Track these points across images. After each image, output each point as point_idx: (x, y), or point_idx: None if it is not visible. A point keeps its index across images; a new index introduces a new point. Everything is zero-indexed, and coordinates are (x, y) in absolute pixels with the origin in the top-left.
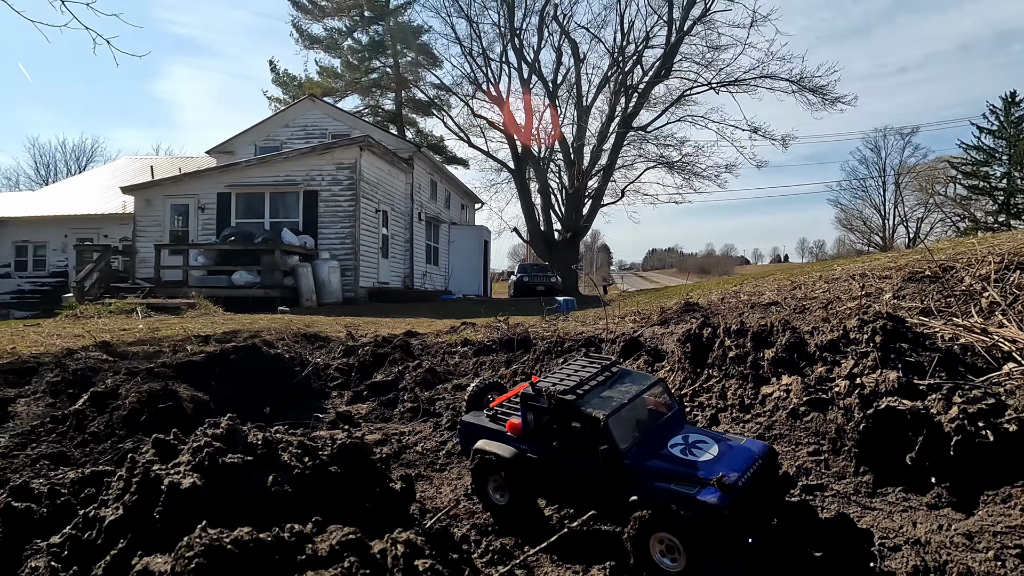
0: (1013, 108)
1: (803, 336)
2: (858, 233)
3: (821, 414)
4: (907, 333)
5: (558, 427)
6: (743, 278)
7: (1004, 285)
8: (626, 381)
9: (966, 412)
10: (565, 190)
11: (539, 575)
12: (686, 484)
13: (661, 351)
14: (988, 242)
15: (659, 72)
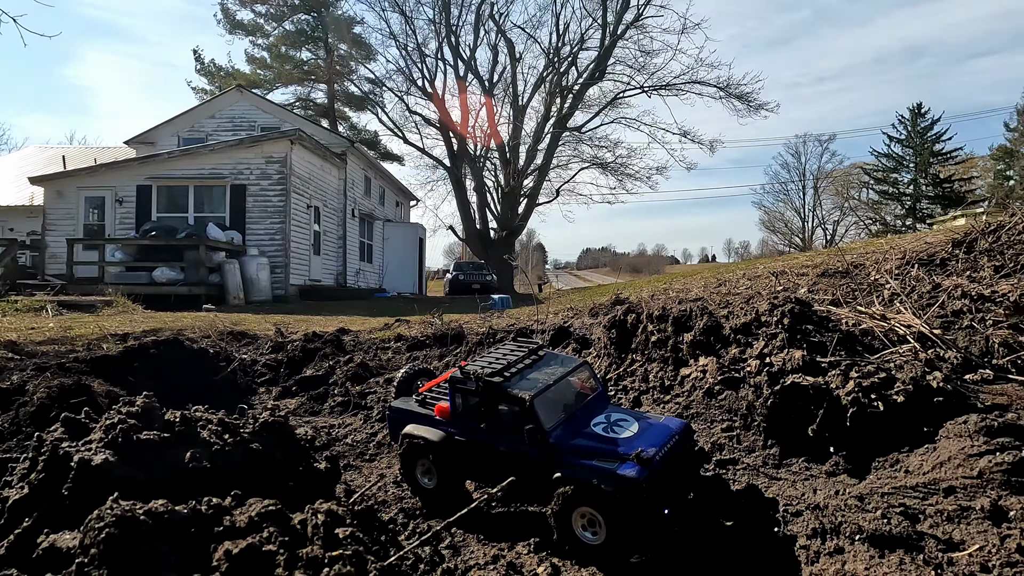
0: (919, 119)
1: (719, 320)
2: (780, 234)
3: (734, 392)
4: (812, 316)
5: (485, 409)
6: (672, 277)
7: (904, 278)
8: (552, 364)
9: (861, 386)
10: (501, 189)
11: (465, 554)
12: (607, 460)
13: (589, 339)
14: (893, 242)
15: (593, 74)
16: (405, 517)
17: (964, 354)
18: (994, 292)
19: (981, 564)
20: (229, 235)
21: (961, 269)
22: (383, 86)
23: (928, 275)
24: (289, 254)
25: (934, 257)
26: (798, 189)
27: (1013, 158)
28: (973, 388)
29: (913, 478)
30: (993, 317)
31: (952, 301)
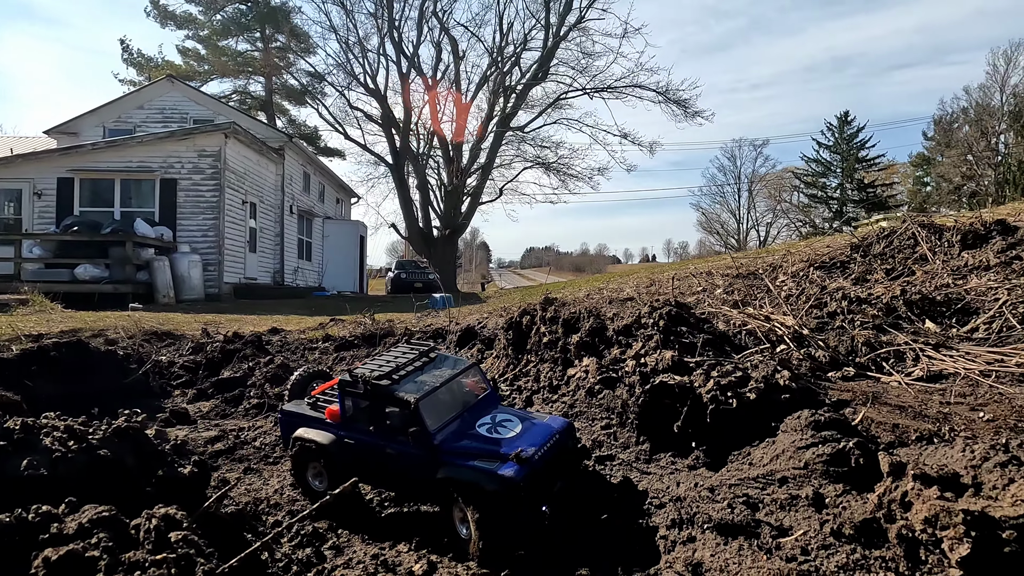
0: (846, 126)
1: (605, 322)
2: (717, 235)
3: (611, 391)
4: (689, 318)
5: (374, 411)
6: (610, 276)
7: (802, 280)
8: (442, 366)
9: (719, 384)
10: (444, 187)
11: (348, 554)
12: (488, 460)
13: (493, 339)
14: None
15: (537, 74)
16: (293, 521)
17: (832, 352)
18: (870, 295)
19: (802, 547)
20: (159, 231)
21: (858, 272)
22: (323, 80)
23: (824, 278)
24: (223, 251)
25: (835, 260)
26: (734, 192)
27: (930, 165)
28: (828, 384)
29: (755, 470)
30: (861, 318)
31: (833, 303)
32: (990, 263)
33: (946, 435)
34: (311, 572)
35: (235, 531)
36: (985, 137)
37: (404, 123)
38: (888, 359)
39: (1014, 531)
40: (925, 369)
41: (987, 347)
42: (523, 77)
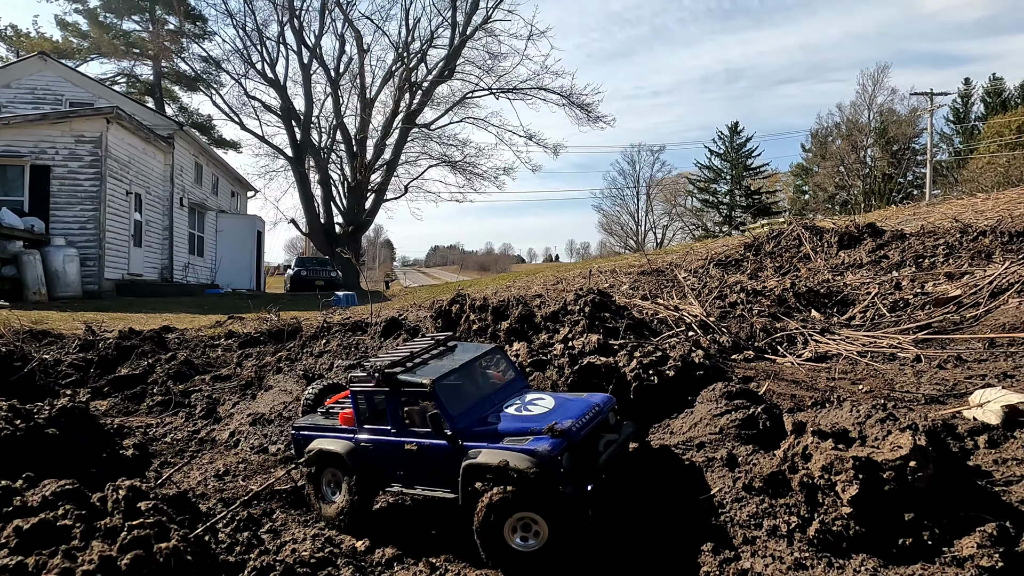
0: (735, 136)
1: (532, 309)
2: (617, 236)
3: (541, 373)
4: (611, 306)
5: (391, 405)
6: (516, 275)
7: (702, 276)
8: (459, 352)
9: (641, 363)
10: (347, 182)
11: (287, 536)
12: (518, 439)
13: (417, 330)
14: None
15: (443, 72)
16: (225, 507)
17: (734, 338)
18: (764, 287)
19: (718, 502)
20: (28, 222)
21: (751, 268)
22: (219, 67)
23: (722, 273)
24: (104, 245)
25: (730, 258)
26: (633, 195)
27: (808, 175)
28: (733, 364)
29: (676, 437)
30: (757, 308)
31: (733, 294)
32: (863, 261)
33: (834, 402)
34: (254, 552)
35: (190, 507)
36: (855, 151)
37: (305, 115)
38: (782, 343)
39: (892, 471)
40: (813, 351)
41: (863, 332)
42: (429, 74)
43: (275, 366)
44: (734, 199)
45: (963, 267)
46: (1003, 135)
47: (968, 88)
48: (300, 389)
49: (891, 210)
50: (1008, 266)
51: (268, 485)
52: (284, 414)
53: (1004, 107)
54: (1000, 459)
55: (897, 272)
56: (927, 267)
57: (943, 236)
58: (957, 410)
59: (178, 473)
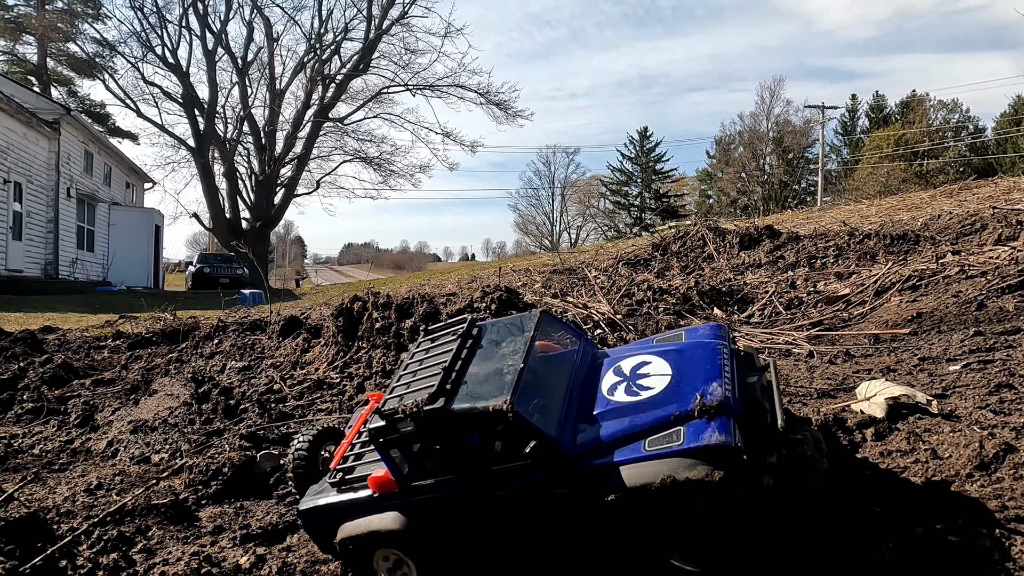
0: (646, 141)
1: (438, 306)
2: (532, 236)
3: None
4: (519, 303)
5: (446, 450)
6: (431, 273)
7: (613, 275)
8: (497, 336)
9: None
10: (255, 176)
11: (162, 555)
12: (663, 439)
13: (320, 328)
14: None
15: (357, 66)
16: (92, 526)
17: (640, 335)
18: (670, 286)
19: None
20: None
21: (658, 267)
22: (114, 50)
23: (631, 272)
24: None
25: (639, 258)
26: (548, 195)
27: (712, 180)
28: None
29: None
30: (663, 306)
31: (640, 292)
32: (761, 261)
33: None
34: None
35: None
36: (755, 158)
37: (209, 104)
38: None
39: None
40: None
41: (761, 329)
42: (343, 67)
43: (164, 368)
44: (644, 201)
45: (851, 267)
46: (883, 148)
47: (855, 103)
48: (188, 393)
49: (787, 214)
50: (890, 266)
51: (146, 499)
52: (169, 420)
53: (885, 122)
54: (886, 451)
55: (792, 272)
56: (819, 267)
57: (833, 238)
58: (846, 404)
59: (43, 490)
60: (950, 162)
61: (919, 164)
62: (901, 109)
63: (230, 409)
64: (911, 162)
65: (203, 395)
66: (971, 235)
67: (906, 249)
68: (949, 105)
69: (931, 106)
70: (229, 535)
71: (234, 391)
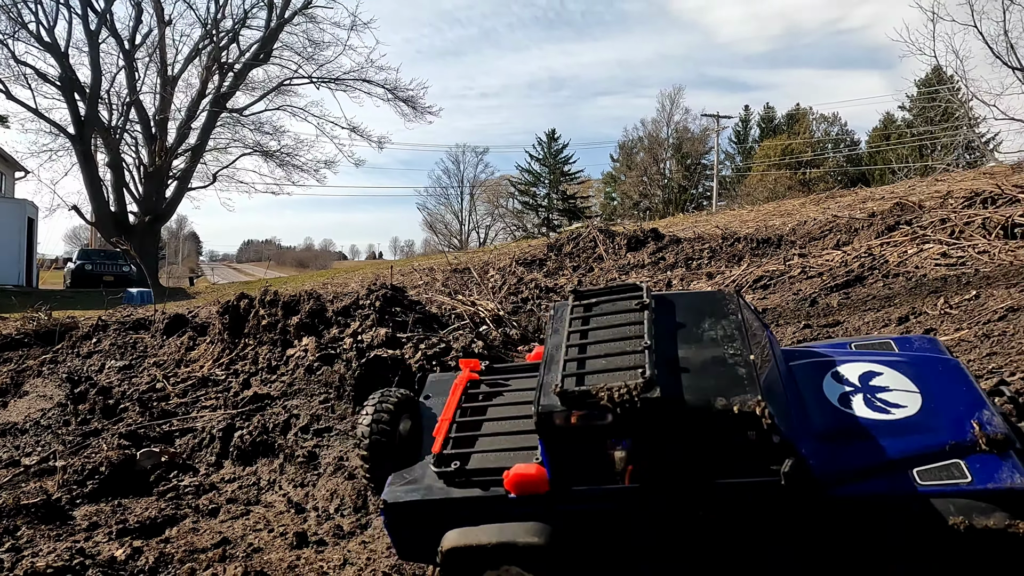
0: (553, 143)
1: (325, 304)
2: (441, 235)
3: (330, 367)
4: (404, 300)
5: (650, 451)
6: (336, 272)
7: (508, 274)
8: (686, 314)
9: (426, 355)
10: (144, 167)
11: (31, 551)
12: (939, 472)
13: (206, 326)
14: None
15: (258, 55)
16: None
17: (522, 331)
18: (556, 284)
19: None
20: None
21: (551, 267)
22: None
23: (525, 272)
24: None
25: (535, 258)
26: (457, 194)
27: (616, 183)
28: (512, 355)
29: None
30: (548, 303)
31: (527, 291)
32: (645, 261)
33: None
34: None
35: None
36: (656, 163)
37: (92, 88)
38: None
39: None
40: None
41: None
42: (242, 56)
43: (36, 370)
44: (552, 202)
45: (720, 268)
46: (771, 157)
47: (747, 114)
48: (63, 394)
49: (679, 217)
50: (746, 267)
51: (14, 500)
52: (41, 422)
53: (774, 132)
54: None
55: (671, 272)
56: (694, 267)
57: (708, 241)
58: None
59: None
60: (830, 171)
61: (803, 173)
62: (788, 121)
63: (109, 409)
64: (796, 170)
65: (79, 395)
66: (818, 240)
67: (768, 252)
68: (830, 119)
69: (814, 119)
70: (105, 531)
71: (113, 390)
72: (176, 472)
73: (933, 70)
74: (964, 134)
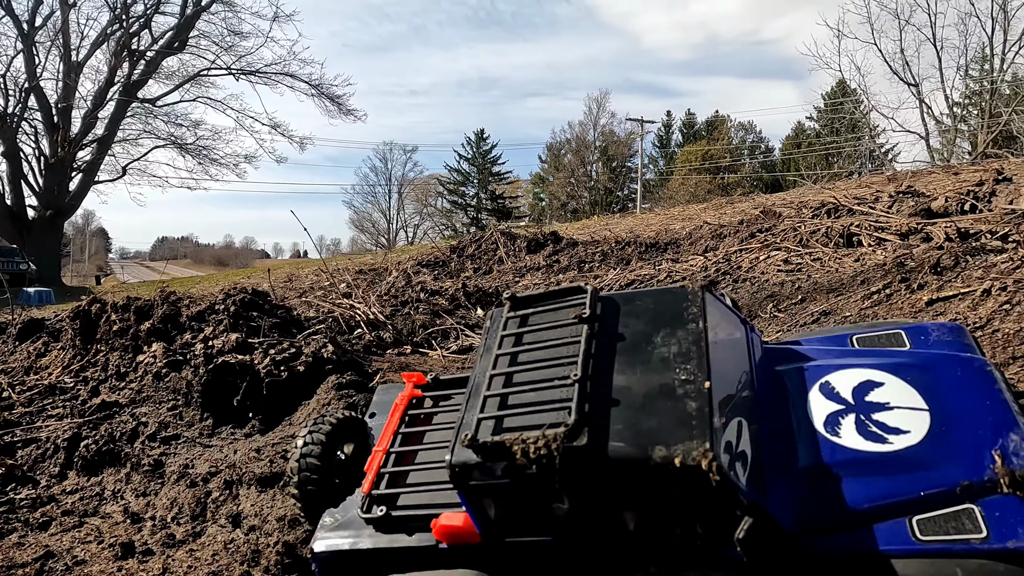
0: (482, 142)
1: (180, 308)
2: (368, 234)
3: (177, 373)
4: (264, 304)
5: (579, 503)
6: (254, 271)
7: (413, 276)
8: (637, 321)
9: (275, 360)
10: (44, 158)
11: None
12: (945, 522)
13: (61, 330)
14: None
15: (172, 43)
16: None
17: (396, 334)
18: (442, 288)
19: None
20: None
21: (454, 268)
22: None
23: (427, 273)
24: None
25: (439, 259)
26: (385, 192)
27: (545, 184)
28: (374, 358)
29: (294, 427)
30: (431, 307)
31: (413, 293)
32: (541, 264)
33: None
34: None
35: None
36: (583, 165)
37: None
38: (437, 337)
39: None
40: (460, 344)
41: None
42: (155, 43)
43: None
44: (481, 202)
45: (608, 271)
46: (691, 162)
47: (669, 119)
48: None
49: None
50: (619, 271)
51: None
52: None
53: (695, 138)
54: None
55: (564, 274)
56: (586, 270)
57: (602, 245)
58: None
59: None
60: (746, 177)
61: (722, 178)
62: (708, 127)
63: None
64: (715, 176)
65: None
66: (692, 244)
67: (653, 256)
68: (747, 126)
69: (731, 126)
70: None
71: None
72: (14, 485)
73: (838, 83)
74: (866, 144)
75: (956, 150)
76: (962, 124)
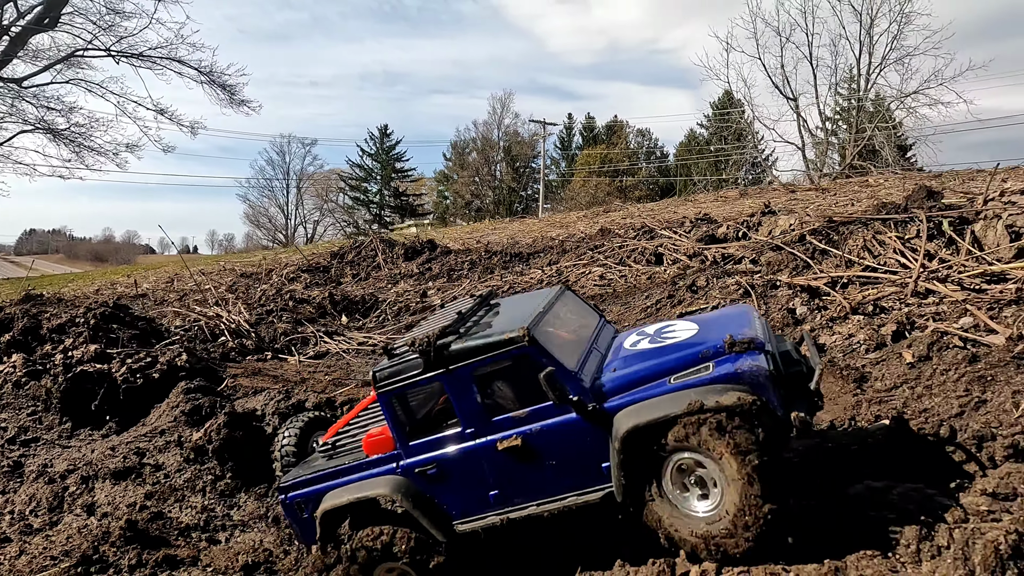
0: (386, 138)
1: (41, 321)
2: (264, 229)
3: (37, 381)
4: (126, 317)
5: (457, 392)
6: (136, 268)
7: (290, 282)
8: (512, 306)
9: (131, 368)
10: None
11: None
12: (690, 374)
13: None
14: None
15: (42, 19)
16: None
17: (258, 341)
18: (310, 296)
19: (166, 473)
20: None
21: (334, 274)
22: None
23: (308, 279)
24: None
25: (320, 265)
26: (282, 187)
27: (449, 182)
28: (229, 365)
29: (147, 428)
30: (295, 315)
31: (281, 301)
32: (414, 272)
33: (254, 391)
34: None
35: None
36: (487, 164)
37: None
38: (297, 344)
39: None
40: (316, 350)
41: (363, 333)
42: (21, 18)
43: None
44: (384, 199)
45: (474, 281)
46: (591, 164)
47: (571, 122)
48: None
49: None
50: (471, 282)
51: None
52: None
53: (595, 141)
54: None
55: (433, 283)
56: (455, 279)
57: (472, 253)
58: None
59: None
60: (643, 180)
61: (620, 181)
62: (607, 131)
63: None
64: (613, 178)
65: None
66: (544, 255)
67: (514, 265)
68: (644, 131)
69: (629, 131)
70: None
71: None
72: None
73: (726, 94)
74: (750, 153)
75: (828, 161)
76: (833, 137)
